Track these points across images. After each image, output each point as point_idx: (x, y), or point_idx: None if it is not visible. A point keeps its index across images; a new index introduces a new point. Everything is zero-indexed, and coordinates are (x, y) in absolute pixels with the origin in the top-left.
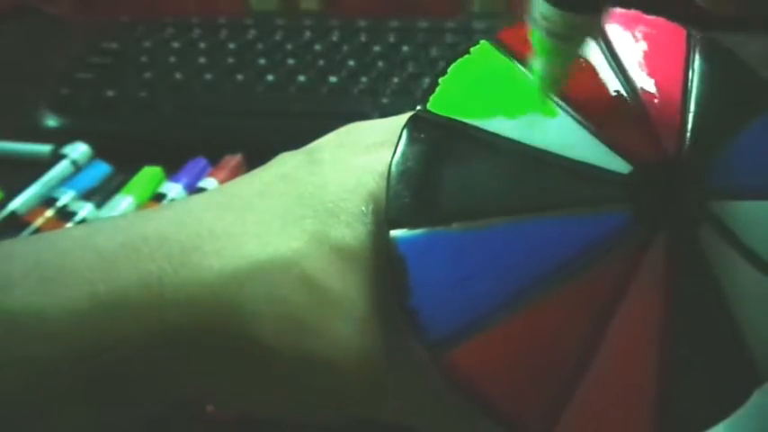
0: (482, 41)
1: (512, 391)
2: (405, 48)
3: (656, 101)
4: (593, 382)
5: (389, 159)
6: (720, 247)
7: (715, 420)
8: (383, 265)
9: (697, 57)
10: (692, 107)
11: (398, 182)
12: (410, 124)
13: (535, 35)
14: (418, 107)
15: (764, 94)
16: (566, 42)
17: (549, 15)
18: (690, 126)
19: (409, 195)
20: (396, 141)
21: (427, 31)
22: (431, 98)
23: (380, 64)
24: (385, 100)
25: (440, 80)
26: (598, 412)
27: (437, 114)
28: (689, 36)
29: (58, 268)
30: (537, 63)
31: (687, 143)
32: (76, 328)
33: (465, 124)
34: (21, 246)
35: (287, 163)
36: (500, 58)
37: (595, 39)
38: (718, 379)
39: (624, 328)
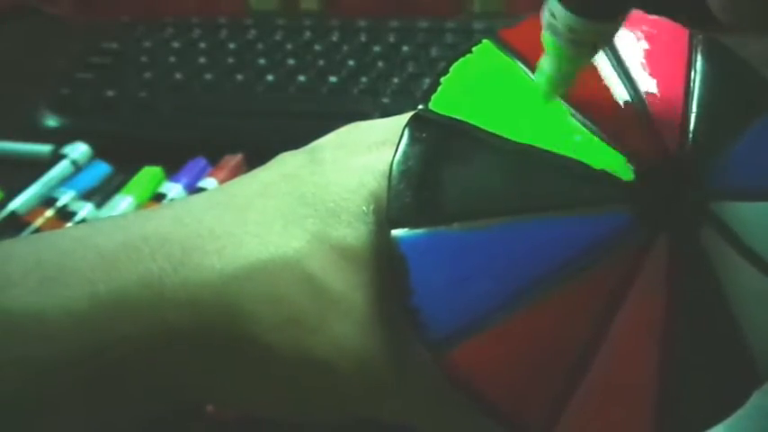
0: (484, 40)
1: (512, 390)
2: (405, 48)
3: (657, 101)
4: (593, 382)
5: (391, 159)
6: (722, 247)
7: (715, 420)
8: (384, 264)
9: (699, 57)
10: (694, 108)
11: (400, 181)
12: (411, 124)
13: (549, 39)
14: (420, 106)
15: (766, 94)
16: (582, 49)
17: (568, 22)
18: (692, 127)
19: (410, 195)
20: (397, 141)
21: (427, 31)
22: (432, 97)
23: (380, 64)
24: (385, 100)
25: (441, 79)
26: (598, 412)
27: (439, 114)
28: (691, 36)
29: (59, 268)
30: (547, 65)
31: (689, 144)
32: (76, 328)
33: (466, 124)
34: (21, 246)
35: (287, 163)
36: (502, 58)
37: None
38: (718, 379)
39: (625, 328)
